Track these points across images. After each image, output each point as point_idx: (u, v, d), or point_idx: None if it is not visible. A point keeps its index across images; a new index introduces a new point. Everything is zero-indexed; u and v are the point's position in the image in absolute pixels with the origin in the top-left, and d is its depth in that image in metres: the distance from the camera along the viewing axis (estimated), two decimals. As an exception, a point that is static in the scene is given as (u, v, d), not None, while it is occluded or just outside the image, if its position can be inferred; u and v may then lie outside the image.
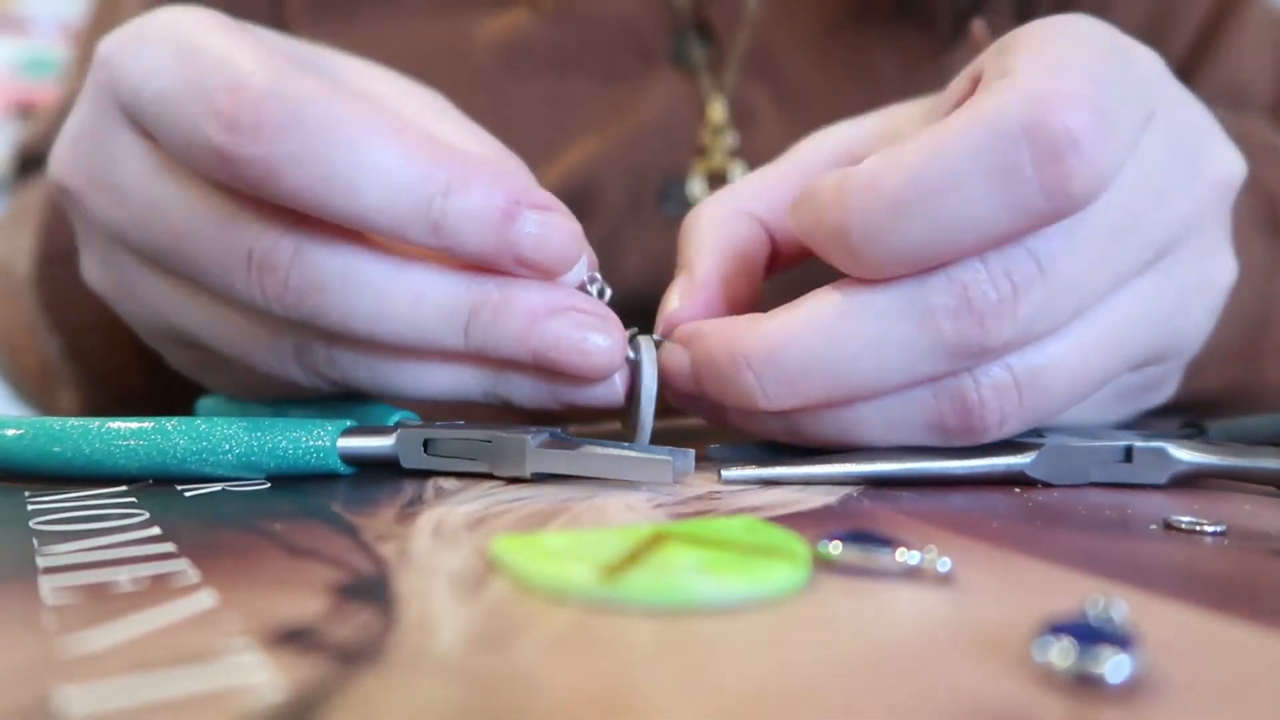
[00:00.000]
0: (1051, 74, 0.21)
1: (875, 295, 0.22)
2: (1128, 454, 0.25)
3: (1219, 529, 0.20)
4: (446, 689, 0.12)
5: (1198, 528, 0.20)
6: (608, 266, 0.26)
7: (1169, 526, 0.21)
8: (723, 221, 0.28)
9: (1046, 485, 0.24)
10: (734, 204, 0.29)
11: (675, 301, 0.27)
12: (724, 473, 0.24)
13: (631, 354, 0.26)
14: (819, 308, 0.22)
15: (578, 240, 0.25)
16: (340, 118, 0.22)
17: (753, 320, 0.23)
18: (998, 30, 0.47)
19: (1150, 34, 0.46)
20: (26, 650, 0.14)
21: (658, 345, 0.26)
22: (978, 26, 0.42)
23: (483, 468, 0.24)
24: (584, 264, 0.26)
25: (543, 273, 0.24)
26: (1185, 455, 0.25)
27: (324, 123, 0.22)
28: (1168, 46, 0.46)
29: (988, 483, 0.25)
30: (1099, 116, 0.20)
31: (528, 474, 0.24)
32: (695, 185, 0.45)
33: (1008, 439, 0.25)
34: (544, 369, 0.25)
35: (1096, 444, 0.25)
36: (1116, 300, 0.24)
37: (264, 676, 0.13)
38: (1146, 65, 0.24)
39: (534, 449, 0.24)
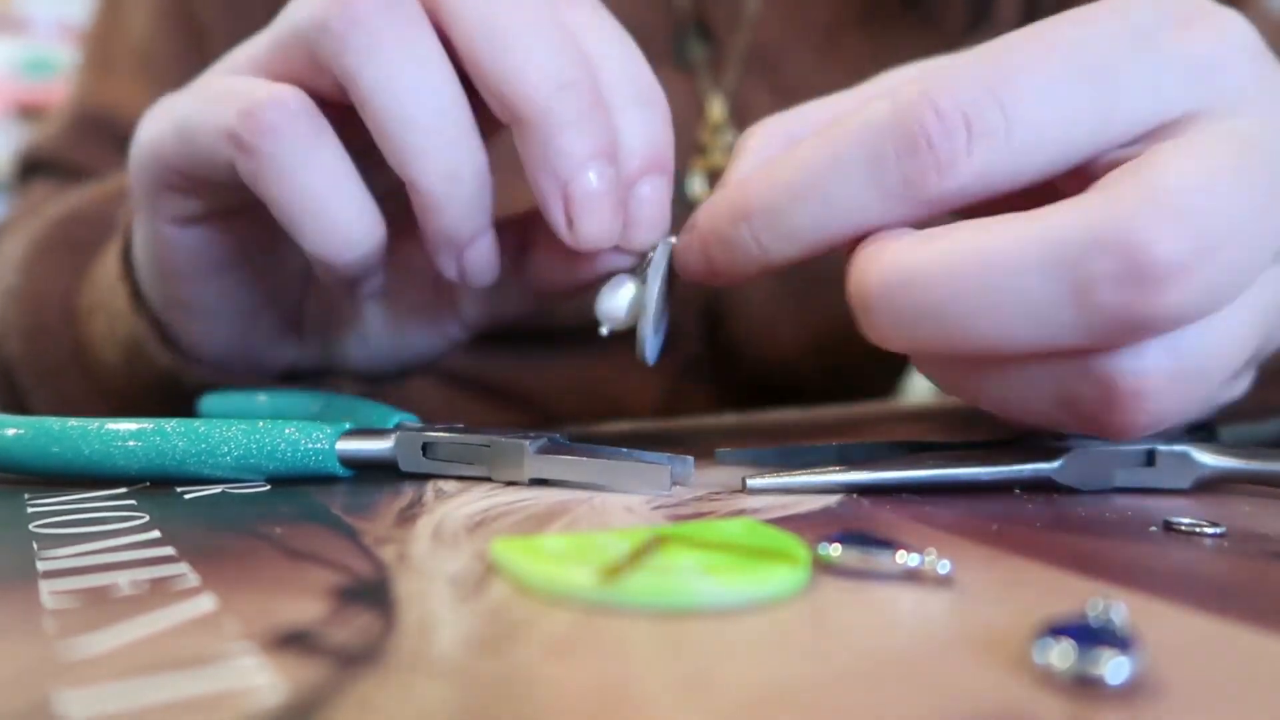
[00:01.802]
0: (925, 75, 0.21)
1: (1024, 250, 0.19)
2: (1150, 458, 0.24)
3: (1219, 531, 0.20)
4: (446, 692, 0.13)
5: (1198, 529, 0.20)
6: (644, 346, 0.26)
7: (1169, 528, 0.21)
8: (769, 143, 0.28)
9: (1071, 490, 0.24)
10: (785, 127, 0.29)
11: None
12: (749, 482, 0.24)
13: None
14: (954, 247, 0.20)
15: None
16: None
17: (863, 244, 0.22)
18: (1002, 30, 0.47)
19: None
20: (26, 654, 0.14)
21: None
22: None
23: (481, 472, 0.24)
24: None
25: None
26: (1209, 459, 0.24)
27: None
28: None
29: (1003, 487, 0.24)
30: (950, 120, 0.20)
31: (526, 479, 0.24)
32: (694, 183, 0.45)
33: (1032, 443, 0.24)
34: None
35: (1120, 448, 0.24)
36: (1255, 288, 0.21)
37: (264, 680, 0.13)
38: (1198, 48, 0.21)
39: (532, 454, 0.24)
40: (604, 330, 0.26)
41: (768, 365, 0.49)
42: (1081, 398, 0.21)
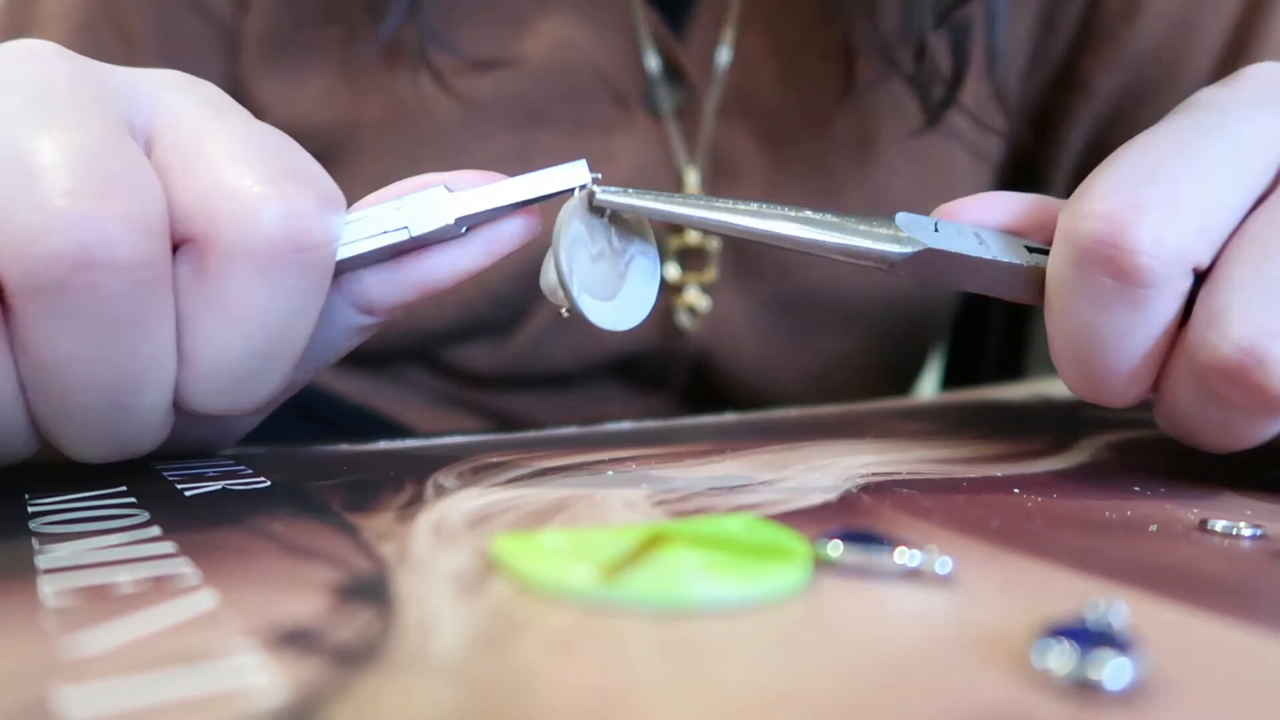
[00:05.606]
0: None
1: None
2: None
3: (1257, 532, 0.20)
4: (446, 690, 0.13)
5: (1234, 532, 0.20)
6: (588, 319, 0.24)
7: (1204, 529, 0.20)
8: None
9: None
10: None
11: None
12: (599, 195, 0.23)
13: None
14: None
15: None
16: None
17: None
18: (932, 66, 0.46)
19: (1178, 36, 0.46)
20: (26, 651, 0.14)
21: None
22: None
23: (402, 222, 0.23)
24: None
25: None
26: None
27: None
28: (1198, 49, 0.46)
29: (991, 484, 0.24)
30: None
31: (451, 219, 0.23)
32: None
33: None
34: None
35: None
36: None
37: (264, 678, 0.13)
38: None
39: (450, 192, 0.23)
40: (563, 313, 0.24)
41: (767, 406, 0.49)
42: None
